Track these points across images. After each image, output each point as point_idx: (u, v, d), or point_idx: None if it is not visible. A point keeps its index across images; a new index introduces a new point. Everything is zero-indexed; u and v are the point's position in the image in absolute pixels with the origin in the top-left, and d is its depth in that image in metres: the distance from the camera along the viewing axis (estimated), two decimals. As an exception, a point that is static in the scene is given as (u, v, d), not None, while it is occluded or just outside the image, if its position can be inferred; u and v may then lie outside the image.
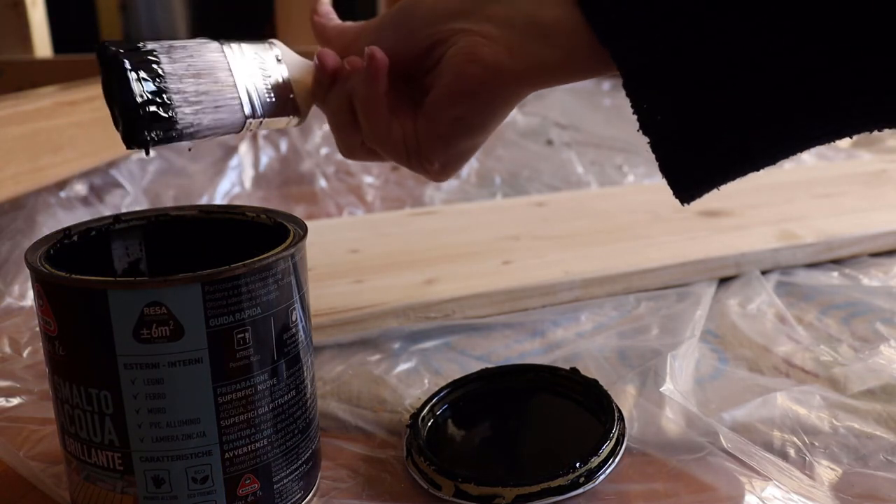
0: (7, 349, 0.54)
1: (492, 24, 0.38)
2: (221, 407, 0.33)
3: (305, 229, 0.36)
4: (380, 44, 0.39)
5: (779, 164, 0.39)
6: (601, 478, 0.38)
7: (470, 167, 0.95)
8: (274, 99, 0.39)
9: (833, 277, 0.61)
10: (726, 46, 0.36)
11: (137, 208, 0.66)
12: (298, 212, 0.83)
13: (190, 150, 0.93)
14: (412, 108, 0.41)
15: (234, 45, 0.38)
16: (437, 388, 0.45)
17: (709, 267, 0.60)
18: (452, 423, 0.43)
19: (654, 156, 0.39)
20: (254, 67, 0.39)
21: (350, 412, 0.45)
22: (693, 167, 0.39)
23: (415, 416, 0.42)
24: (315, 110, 0.42)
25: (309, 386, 0.36)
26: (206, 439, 0.33)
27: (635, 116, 0.38)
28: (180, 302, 0.31)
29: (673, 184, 0.39)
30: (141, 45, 0.35)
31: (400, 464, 0.41)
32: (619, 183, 0.91)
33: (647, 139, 0.39)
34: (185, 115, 0.35)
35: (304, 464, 0.36)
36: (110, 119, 0.35)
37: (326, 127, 1.02)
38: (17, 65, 1.17)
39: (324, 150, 0.98)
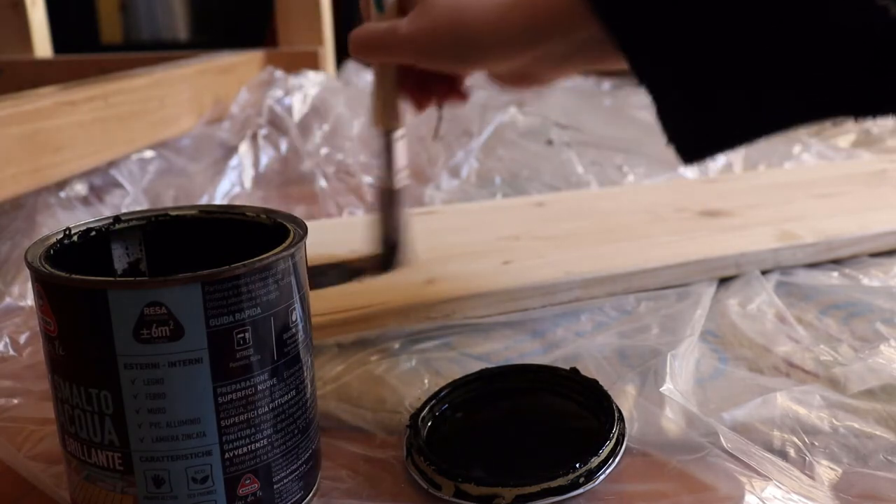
0: (7, 349, 0.54)
1: None
2: (221, 407, 0.33)
3: (305, 229, 0.36)
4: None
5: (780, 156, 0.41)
6: (601, 478, 0.38)
7: (470, 167, 0.95)
8: None
9: (833, 277, 0.61)
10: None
11: (137, 208, 0.66)
12: (298, 212, 0.83)
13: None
14: None
15: None
16: (437, 388, 0.45)
17: (709, 267, 0.60)
18: (452, 424, 0.43)
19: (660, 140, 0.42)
20: None
21: (350, 412, 0.45)
22: (694, 126, 0.41)
23: (415, 416, 0.42)
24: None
25: (309, 386, 0.36)
26: (206, 439, 0.33)
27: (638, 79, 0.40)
28: (180, 302, 0.31)
29: (677, 143, 0.42)
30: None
31: (400, 464, 0.41)
32: (619, 183, 0.91)
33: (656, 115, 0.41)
34: None
35: (304, 464, 0.36)
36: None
37: (326, 127, 1.02)
38: (17, 65, 1.17)
39: (324, 150, 0.98)
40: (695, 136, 0.42)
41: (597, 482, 0.37)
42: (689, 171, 0.93)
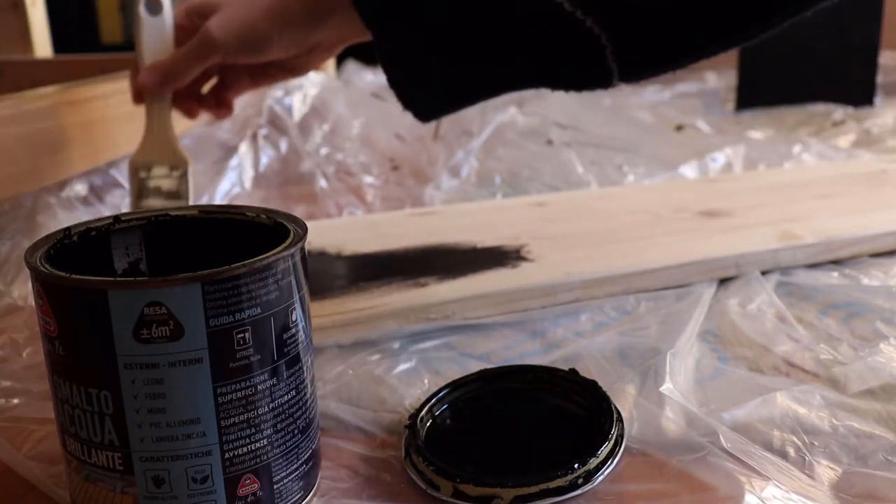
0: (7, 349, 0.54)
1: None
2: (221, 407, 0.33)
3: (305, 229, 0.36)
4: None
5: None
6: (600, 478, 0.38)
7: (470, 167, 0.95)
8: None
9: (833, 277, 0.61)
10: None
11: (137, 208, 0.66)
12: (298, 212, 0.83)
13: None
14: None
15: None
16: (436, 388, 0.45)
17: (709, 267, 0.60)
18: (451, 424, 0.43)
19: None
20: None
21: (350, 412, 0.45)
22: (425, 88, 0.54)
23: (413, 416, 0.42)
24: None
25: (309, 386, 0.37)
26: (206, 439, 0.33)
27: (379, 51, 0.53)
28: (180, 302, 0.31)
29: (413, 108, 0.56)
30: None
31: (400, 464, 0.41)
32: (619, 183, 0.91)
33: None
34: None
35: (304, 464, 0.36)
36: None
37: (326, 127, 1.02)
38: (17, 65, 1.17)
39: (324, 150, 0.98)
40: (426, 100, 0.55)
41: (595, 483, 0.37)
42: (689, 171, 0.93)
